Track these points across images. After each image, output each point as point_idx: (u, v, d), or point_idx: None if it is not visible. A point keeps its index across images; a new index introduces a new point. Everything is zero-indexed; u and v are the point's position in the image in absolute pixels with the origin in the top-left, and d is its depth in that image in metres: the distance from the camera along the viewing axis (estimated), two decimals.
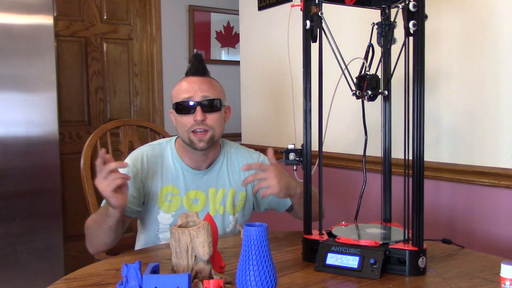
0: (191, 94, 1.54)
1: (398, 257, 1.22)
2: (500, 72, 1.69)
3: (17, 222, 2.55)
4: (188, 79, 1.59)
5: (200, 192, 1.63)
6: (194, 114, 1.53)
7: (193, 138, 1.54)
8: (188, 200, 1.61)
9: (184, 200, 1.60)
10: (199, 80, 1.57)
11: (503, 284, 1.01)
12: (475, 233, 1.78)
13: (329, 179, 2.26)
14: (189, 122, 1.54)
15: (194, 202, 1.62)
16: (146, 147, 1.66)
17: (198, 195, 1.63)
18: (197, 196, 1.62)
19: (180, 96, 1.56)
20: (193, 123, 1.53)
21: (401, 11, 1.26)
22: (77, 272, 1.26)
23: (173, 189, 1.60)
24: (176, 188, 1.61)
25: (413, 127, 1.22)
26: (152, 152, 1.63)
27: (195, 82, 1.57)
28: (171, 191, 1.60)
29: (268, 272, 1.00)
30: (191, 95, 1.54)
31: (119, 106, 3.63)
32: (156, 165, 1.61)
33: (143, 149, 1.65)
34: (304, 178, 1.33)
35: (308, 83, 1.31)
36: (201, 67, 1.59)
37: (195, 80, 1.57)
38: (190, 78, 1.59)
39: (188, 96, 1.54)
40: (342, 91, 1.34)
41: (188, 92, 1.55)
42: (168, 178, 1.61)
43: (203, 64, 1.60)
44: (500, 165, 1.69)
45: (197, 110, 1.53)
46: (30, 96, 2.56)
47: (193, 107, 1.54)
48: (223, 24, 3.95)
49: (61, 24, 3.35)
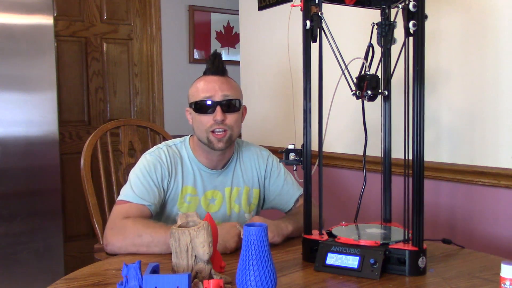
0: (211, 94, 1.53)
1: (398, 257, 1.22)
2: (500, 72, 1.69)
3: (17, 222, 2.55)
4: (208, 78, 1.56)
5: (216, 191, 1.63)
6: (214, 114, 1.51)
7: (212, 138, 1.53)
8: (206, 200, 1.61)
9: (202, 200, 1.60)
10: (219, 79, 1.56)
11: (503, 284, 1.01)
12: (475, 233, 1.78)
13: (329, 179, 2.26)
14: (208, 122, 1.53)
15: (211, 202, 1.62)
16: (163, 147, 1.62)
17: (215, 194, 1.62)
18: (214, 195, 1.62)
19: (199, 95, 1.54)
20: (213, 122, 1.52)
21: (401, 11, 1.26)
22: (77, 272, 1.26)
23: (192, 190, 1.59)
24: (195, 188, 1.60)
25: (413, 127, 1.22)
26: (171, 151, 1.60)
27: (215, 81, 1.55)
28: (190, 192, 1.59)
29: (268, 272, 1.00)
30: (211, 95, 1.53)
31: (119, 106, 3.63)
32: (176, 165, 1.59)
33: (162, 148, 1.61)
34: (304, 178, 1.33)
35: (308, 83, 1.31)
36: (221, 66, 1.58)
37: (215, 79, 1.55)
38: (210, 77, 1.56)
39: (208, 95, 1.53)
40: (342, 91, 1.34)
41: (208, 91, 1.53)
42: (187, 178, 1.59)
43: (222, 63, 1.58)
44: (500, 165, 1.69)
45: (217, 110, 1.51)
46: (30, 96, 2.56)
47: (213, 106, 1.52)
48: (223, 24, 3.95)
49: (61, 24, 3.35)
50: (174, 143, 1.65)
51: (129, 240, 1.38)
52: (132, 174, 1.56)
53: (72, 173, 3.17)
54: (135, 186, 1.52)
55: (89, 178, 1.90)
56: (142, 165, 1.56)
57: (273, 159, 1.73)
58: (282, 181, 1.71)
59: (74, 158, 2.93)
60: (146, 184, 1.52)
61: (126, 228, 1.41)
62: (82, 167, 1.91)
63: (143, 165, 1.56)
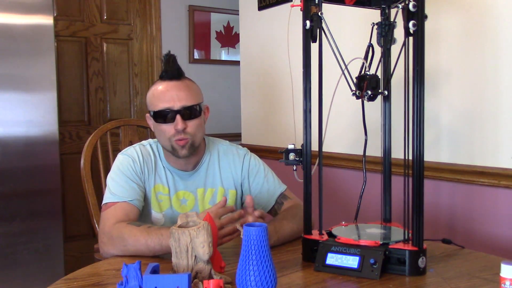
0: (170, 104, 1.49)
1: (398, 257, 1.22)
2: (500, 72, 1.69)
3: (17, 222, 2.55)
4: (164, 85, 1.52)
5: (188, 192, 1.62)
6: (175, 123, 1.49)
7: (176, 145, 1.52)
8: (178, 201, 1.60)
9: (173, 200, 1.60)
10: (176, 86, 1.51)
11: (503, 284, 1.01)
12: (475, 233, 1.78)
13: (329, 179, 2.26)
14: (170, 131, 1.51)
15: (183, 202, 1.61)
16: (136, 146, 1.63)
17: (187, 195, 1.62)
18: (185, 196, 1.62)
19: (158, 105, 1.51)
20: (174, 132, 1.50)
21: (401, 11, 1.26)
22: (77, 272, 1.26)
23: (163, 189, 1.59)
24: (166, 187, 1.60)
25: (413, 127, 1.22)
26: (144, 150, 1.61)
27: (172, 88, 1.50)
28: (161, 190, 1.59)
29: (268, 272, 1.00)
30: (170, 104, 1.49)
31: (119, 106, 3.63)
32: (149, 163, 1.59)
33: (135, 148, 1.62)
34: (304, 178, 1.33)
35: (308, 83, 1.31)
36: (176, 70, 1.53)
37: (172, 86, 1.51)
38: (166, 84, 1.52)
39: (166, 105, 1.49)
40: (342, 91, 1.34)
41: (166, 101, 1.49)
42: (159, 177, 1.60)
43: (177, 66, 1.54)
44: (500, 165, 1.69)
45: (177, 119, 1.49)
46: (30, 96, 2.56)
47: (172, 116, 1.50)
48: (223, 24, 3.95)
49: (61, 24, 3.35)
50: (149, 142, 1.65)
51: (117, 248, 1.40)
52: (108, 178, 1.57)
53: (72, 173, 3.17)
54: (112, 187, 1.52)
55: (89, 178, 1.91)
56: (115, 166, 1.57)
57: (250, 157, 1.70)
58: (262, 179, 1.67)
59: (74, 158, 2.93)
60: (122, 182, 1.52)
61: (113, 237, 1.41)
62: (82, 167, 1.91)
63: (117, 166, 1.57)
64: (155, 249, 1.34)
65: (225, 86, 3.89)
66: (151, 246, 1.34)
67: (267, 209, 1.68)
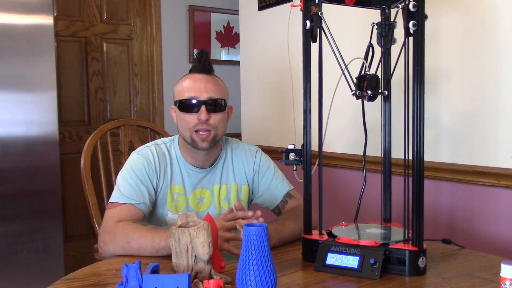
0: (196, 93, 1.51)
1: (398, 257, 1.22)
2: (500, 72, 1.69)
3: (17, 222, 2.55)
4: (193, 76, 1.54)
5: (205, 190, 1.62)
6: (198, 113, 1.50)
7: (196, 137, 1.52)
8: (195, 199, 1.60)
9: (190, 199, 1.60)
10: (205, 78, 1.54)
11: (503, 284, 1.01)
12: (475, 233, 1.78)
13: (329, 179, 2.26)
14: (193, 121, 1.51)
15: (200, 200, 1.61)
16: (151, 145, 1.61)
17: (204, 193, 1.62)
18: (202, 194, 1.62)
19: (184, 94, 1.53)
20: (197, 122, 1.51)
21: (401, 11, 1.26)
22: (77, 272, 1.26)
23: (179, 189, 1.59)
24: (182, 187, 1.59)
25: (413, 127, 1.22)
26: (159, 150, 1.59)
27: (201, 80, 1.53)
28: (177, 191, 1.58)
29: (268, 272, 1.00)
30: (196, 94, 1.51)
31: (119, 106, 3.63)
32: (165, 164, 1.58)
33: (150, 147, 1.60)
34: (304, 178, 1.33)
35: (308, 83, 1.31)
36: (207, 65, 1.55)
37: (201, 78, 1.54)
38: (195, 75, 1.54)
39: (193, 94, 1.51)
40: (342, 91, 1.34)
41: (193, 90, 1.51)
42: (175, 177, 1.59)
43: (209, 62, 1.56)
44: (500, 165, 1.69)
45: (202, 109, 1.50)
46: (30, 96, 2.56)
47: (198, 105, 1.51)
48: (223, 24, 3.95)
49: (61, 24, 3.35)
50: (163, 141, 1.64)
51: (119, 246, 1.38)
52: (119, 175, 1.56)
53: (72, 173, 3.17)
54: (122, 187, 1.51)
55: (89, 178, 1.90)
56: (128, 165, 1.56)
57: (261, 154, 1.72)
58: (271, 176, 1.69)
59: (74, 158, 2.93)
60: (133, 183, 1.51)
61: (116, 234, 1.40)
62: (82, 167, 1.91)
63: (130, 165, 1.55)
64: (161, 245, 1.32)
65: None
66: (156, 241, 1.33)
67: (272, 207, 1.70)
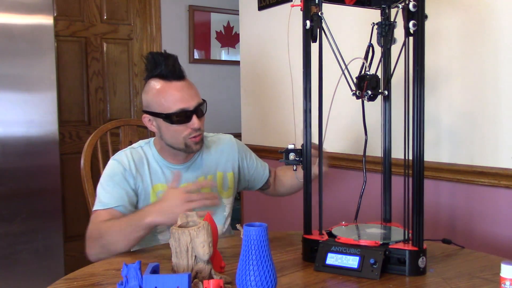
0: (185, 104, 1.49)
1: (398, 257, 1.22)
2: (500, 72, 1.68)
3: (17, 222, 2.55)
4: (173, 85, 1.50)
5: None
6: (191, 123, 1.51)
7: (190, 143, 1.54)
8: None
9: None
10: (185, 85, 1.52)
11: (503, 284, 1.01)
12: (475, 233, 1.78)
13: (329, 179, 2.26)
14: (186, 131, 1.52)
15: None
16: (127, 150, 1.62)
17: None
18: None
19: (171, 107, 1.49)
20: (190, 131, 1.52)
21: (401, 11, 1.26)
22: (77, 272, 1.26)
23: (162, 187, 1.59)
24: (165, 185, 1.60)
25: (413, 127, 1.22)
26: (136, 153, 1.61)
27: (183, 88, 1.51)
28: (161, 189, 1.59)
29: (268, 272, 1.00)
30: (185, 105, 1.49)
31: (119, 106, 3.63)
32: (142, 166, 1.59)
33: (125, 151, 1.61)
34: (304, 178, 1.33)
35: (308, 83, 1.31)
36: (181, 70, 1.53)
37: (182, 86, 1.51)
38: (175, 84, 1.50)
39: (182, 106, 1.49)
40: (342, 91, 1.34)
41: (182, 101, 1.49)
42: (156, 177, 1.60)
43: (180, 66, 1.54)
44: (500, 165, 1.69)
45: (194, 119, 1.51)
46: (30, 96, 2.56)
47: (189, 116, 1.51)
48: (223, 24, 3.95)
49: (61, 24, 3.35)
50: (140, 145, 1.65)
51: (97, 243, 1.41)
52: (98, 185, 1.57)
53: (72, 173, 3.17)
54: (100, 194, 1.54)
55: (89, 178, 1.90)
56: (105, 171, 1.58)
57: (235, 140, 1.80)
58: (253, 157, 1.80)
59: (74, 158, 2.92)
60: (109, 188, 1.53)
61: (92, 232, 1.44)
62: (82, 167, 1.91)
63: (106, 172, 1.57)
64: (127, 230, 1.35)
65: (225, 86, 3.89)
66: (123, 227, 1.35)
67: (262, 183, 1.80)
